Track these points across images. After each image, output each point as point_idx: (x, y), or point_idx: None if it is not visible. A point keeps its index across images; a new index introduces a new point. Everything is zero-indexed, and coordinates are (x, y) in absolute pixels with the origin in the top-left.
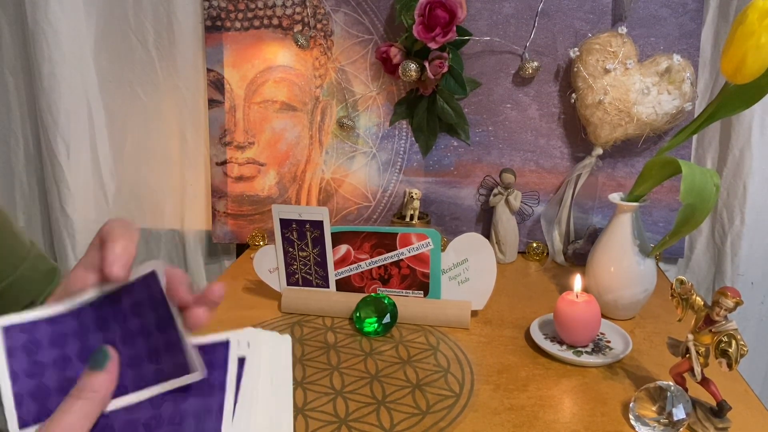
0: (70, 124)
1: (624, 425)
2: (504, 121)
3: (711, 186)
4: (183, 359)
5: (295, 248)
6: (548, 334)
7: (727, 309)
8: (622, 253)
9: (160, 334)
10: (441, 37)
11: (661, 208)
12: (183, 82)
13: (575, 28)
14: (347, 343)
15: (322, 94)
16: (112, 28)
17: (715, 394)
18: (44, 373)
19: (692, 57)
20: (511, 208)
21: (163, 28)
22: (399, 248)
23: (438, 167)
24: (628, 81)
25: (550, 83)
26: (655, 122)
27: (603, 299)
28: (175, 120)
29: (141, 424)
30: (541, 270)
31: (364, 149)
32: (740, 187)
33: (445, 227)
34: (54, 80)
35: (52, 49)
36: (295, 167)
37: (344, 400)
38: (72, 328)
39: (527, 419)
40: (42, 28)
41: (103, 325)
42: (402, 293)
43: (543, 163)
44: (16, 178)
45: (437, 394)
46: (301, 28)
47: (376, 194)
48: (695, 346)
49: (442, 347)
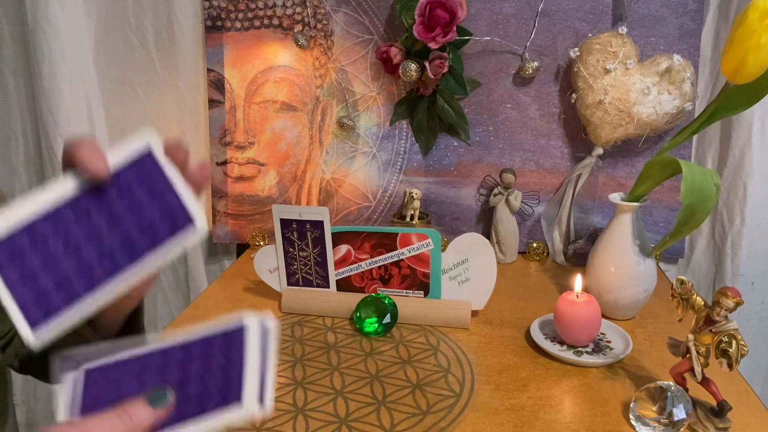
0: (70, 124)
1: (624, 425)
2: (504, 121)
3: (711, 186)
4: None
5: (296, 248)
6: (548, 334)
7: (728, 309)
8: (623, 253)
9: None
10: (441, 37)
11: (661, 208)
12: (183, 82)
13: (575, 28)
14: (347, 343)
15: (322, 94)
16: (112, 28)
17: (716, 394)
18: (37, 277)
19: (692, 57)
20: (511, 208)
21: (163, 28)
22: (399, 248)
23: (438, 167)
24: (629, 81)
25: (551, 83)
26: (656, 122)
27: (603, 299)
28: (175, 120)
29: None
30: (541, 270)
31: (365, 149)
32: (740, 187)
33: (446, 227)
34: (54, 80)
35: (52, 49)
36: (296, 167)
37: (344, 400)
38: (50, 227)
39: (527, 419)
40: (42, 27)
41: (83, 217)
42: (402, 293)
43: (543, 163)
44: (16, 178)
45: (437, 394)
46: (301, 28)
47: (377, 194)
48: (696, 346)
49: (443, 347)
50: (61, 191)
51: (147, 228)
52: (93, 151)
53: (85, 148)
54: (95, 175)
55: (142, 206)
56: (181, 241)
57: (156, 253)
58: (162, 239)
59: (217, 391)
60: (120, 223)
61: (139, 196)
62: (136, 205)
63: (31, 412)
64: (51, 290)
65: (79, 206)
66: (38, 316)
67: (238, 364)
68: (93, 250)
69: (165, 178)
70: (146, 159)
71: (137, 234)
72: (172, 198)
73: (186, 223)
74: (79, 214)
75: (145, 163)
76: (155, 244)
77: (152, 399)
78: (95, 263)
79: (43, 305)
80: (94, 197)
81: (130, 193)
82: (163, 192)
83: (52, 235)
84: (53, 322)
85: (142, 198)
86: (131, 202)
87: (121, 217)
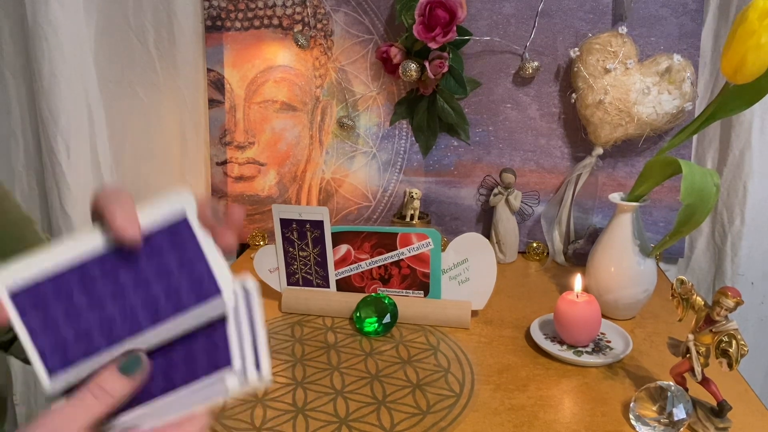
0: (70, 124)
1: (624, 425)
2: (504, 121)
3: (711, 186)
4: (211, 287)
5: (296, 248)
6: (548, 334)
7: (728, 309)
8: (623, 253)
9: (183, 272)
10: (441, 37)
11: (661, 208)
12: (183, 82)
13: (575, 28)
14: (347, 343)
15: (322, 94)
16: (112, 28)
17: (716, 394)
18: (58, 327)
19: (692, 57)
20: (511, 208)
21: (163, 28)
22: (399, 248)
23: (438, 167)
24: (629, 81)
25: (551, 83)
26: (656, 122)
27: (603, 299)
28: (175, 120)
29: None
30: (541, 270)
31: (365, 149)
32: (740, 187)
33: (445, 227)
34: (54, 80)
35: (52, 49)
36: (296, 167)
37: (344, 400)
38: (76, 280)
39: (527, 419)
40: (42, 28)
41: (110, 275)
42: (402, 293)
43: (543, 162)
44: (16, 178)
45: (437, 394)
46: (301, 28)
47: (377, 194)
48: (696, 346)
49: (443, 347)
50: (91, 245)
51: (173, 294)
52: (126, 216)
53: (118, 209)
54: (127, 242)
55: (171, 272)
56: (206, 311)
57: (179, 318)
58: (186, 306)
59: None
60: (146, 286)
61: (168, 262)
62: (165, 270)
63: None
64: (71, 341)
65: (106, 264)
66: (56, 364)
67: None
68: (116, 308)
69: (197, 246)
70: (179, 224)
71: (162, 298)
72: (201, 267)
73: (213, 292)
74: (106, 272)
75: (177, 229)
76: (179, 310)
77: (124, 367)
78: (117, 320)
79: (61, 354)
80: (123, 257)
81: (159, 258)
82: (192, 260)
83: (77, 288)
84: (70, 371)
85: (171, 264)
86: (160, 267)
87: (149, 280)
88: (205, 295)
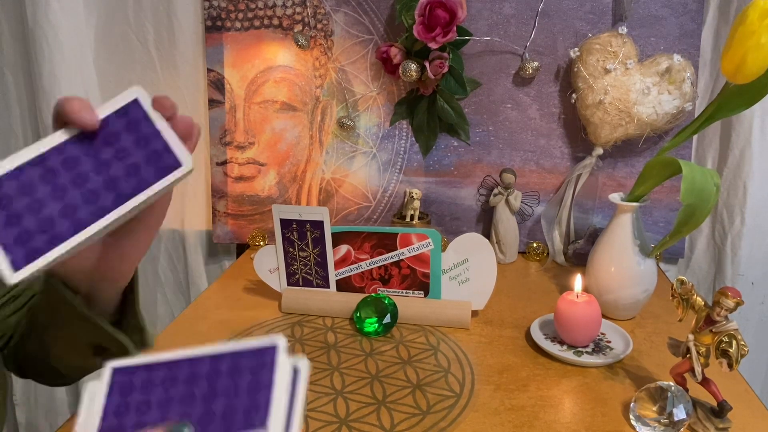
0: None
1: (624, 425)
2: (504, 121)
3: (711, 186)
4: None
5: (296, 248)
6: (548, 334)
7: (728, 309)
8: (623, 253)
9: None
10: (441, 37)
11: (661, 208)
12: (183, 82)
13: (575, 28)
14: (347, 344)
15: (322, 94)
16: (112, 28)
17: (716, 394)
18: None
19: (692, 57)
20: (511, 208)
21: (163, 28)
22: (399, 248)
23: (438, 167)
24: (629, 81)
25: (551, 83)
26: (656, 122)
27: (603, 299)
28: None
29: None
30: (541, 270)
31: (365, 149)
32: (740, 187)
33: (445, 227)
34: (54, 80)
35: (52, 48)
36: (296, 167)
37: (345, 400)
38: (37, 173)
39: (528, 419)
40: (42, 27)
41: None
42: (402, 293)
43: (543, 163)
44: None
45: (438, 395)
46: (301, 28)
47: (377, 194)
48: (696, 346)
49: (443, 347)
50: (51, 143)
51: (133, 172)
52: (82, 104)
53: (74, 100)
54: (83, 123)
55: (129, 151)
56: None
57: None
58: (148, 182)
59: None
60: (106, 168)
61: (125, 142)
62: (123, 150)
63: (31, 412)
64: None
65: (66, 153)
66: (19, 256)
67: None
68: (78, 193)
69: (151, 126)
70: (133, 109)
71: (123, 177)
72: (158, 143)
73: (173, 165)
74: (66, 161)
75: (132, 113)
76: (141, 187)
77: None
78: (80, 206)
79: (24, 245)
80: (82, 145)
81: (117, 140)
82: (149, 138)
83: (38, 180)
84: (37, 261)
85: (128, 144)
86: (118, 148)
87: (108, 163)
88: (166, 169)
